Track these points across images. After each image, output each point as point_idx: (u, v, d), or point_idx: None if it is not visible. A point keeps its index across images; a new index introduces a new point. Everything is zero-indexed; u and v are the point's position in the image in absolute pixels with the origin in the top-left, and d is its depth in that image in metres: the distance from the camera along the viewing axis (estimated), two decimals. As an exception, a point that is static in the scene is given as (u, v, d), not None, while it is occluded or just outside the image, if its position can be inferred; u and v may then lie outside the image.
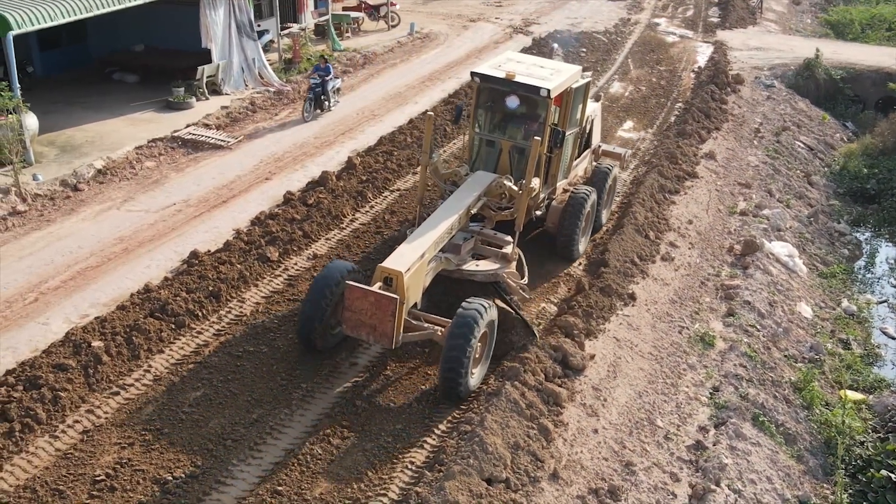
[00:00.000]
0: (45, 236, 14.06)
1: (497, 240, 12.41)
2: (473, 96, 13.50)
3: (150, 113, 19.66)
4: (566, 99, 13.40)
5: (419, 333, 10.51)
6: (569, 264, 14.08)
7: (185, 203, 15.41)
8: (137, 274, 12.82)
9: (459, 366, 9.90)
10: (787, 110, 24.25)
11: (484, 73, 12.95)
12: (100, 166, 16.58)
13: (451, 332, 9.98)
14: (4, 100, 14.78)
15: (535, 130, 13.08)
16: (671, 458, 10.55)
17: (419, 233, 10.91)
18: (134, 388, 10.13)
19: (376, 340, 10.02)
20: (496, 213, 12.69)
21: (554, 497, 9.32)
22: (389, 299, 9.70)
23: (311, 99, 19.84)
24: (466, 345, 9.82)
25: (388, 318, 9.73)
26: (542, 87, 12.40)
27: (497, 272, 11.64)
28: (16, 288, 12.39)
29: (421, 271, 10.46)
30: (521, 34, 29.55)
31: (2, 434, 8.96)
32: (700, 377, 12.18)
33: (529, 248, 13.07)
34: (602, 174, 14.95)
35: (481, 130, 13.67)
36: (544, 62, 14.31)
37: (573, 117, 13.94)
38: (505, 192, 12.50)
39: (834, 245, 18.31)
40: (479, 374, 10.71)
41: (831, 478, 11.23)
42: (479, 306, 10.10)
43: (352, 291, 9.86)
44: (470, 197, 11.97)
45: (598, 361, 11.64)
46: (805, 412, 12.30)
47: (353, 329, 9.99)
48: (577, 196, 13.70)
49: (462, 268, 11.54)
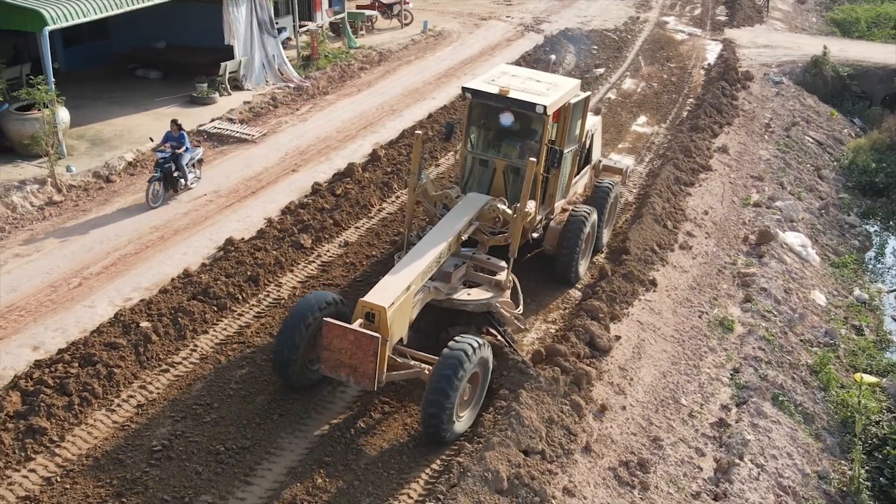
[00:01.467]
0: (83, 225, 14.48)
1: (490, 266, 11.65)
2: (465, 113, 12.64)
3: (174, 108, 20.08)
4: (564, 115, 12.60)
5: (405, 373, 9.69)
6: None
7: (215, 194, 15.84)
8: (175, 260, 13.25)
9: (442, 410, 9.08)
10: (796, 106, 24.68)
11: (476, 88, 12.13)
12: (130, 158, 17.02)
13: (435, 372, 9.19)
14: (41, 93, 15.18)
15: (531, 149, 12.27)
16: (696, 435, 10.99)
17: (405, 262, 10.15)
18: (182, 366, 10.57)
19: (357, 382, 9.21)
20: (489, 238, 11.83)
21: (587, 468, 9.76)
22: (371, 338, 8.88)
23: (157, 178, 15.00)
24: (450, 387, 9.01)
25: (369, 358, 8.92)
26: (539, 104, 11.62)
27: (490, 301, 10.90)
28: (60, 273, 12.82)
29: (406, 305, 9.66)
30: (533, 32, 29.98)
31: (62, 407, 9.39)
32: (721, 359, 12.61)
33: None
34: (603, 192, 14.13)
35: (474, 149, 12.82)
36: (541, 75, 13.37)
37: (572, 134, 13.11)
38: (498, 215, 11.64)
39: (845, 236, 18.74)
40: (469, 417, 9.85)
41: (848, 455, 11.66)
42: (467, 345, 9.28)
43: (330, 329, 9.04)
44: (461, 222, 11.14)
45: (623, 343, 12.07)
46: (822, 393, 12.73)
47: (332, 369, 9.20)
48: (576, 216, 12.91)
49: (453, 297, 10.77)
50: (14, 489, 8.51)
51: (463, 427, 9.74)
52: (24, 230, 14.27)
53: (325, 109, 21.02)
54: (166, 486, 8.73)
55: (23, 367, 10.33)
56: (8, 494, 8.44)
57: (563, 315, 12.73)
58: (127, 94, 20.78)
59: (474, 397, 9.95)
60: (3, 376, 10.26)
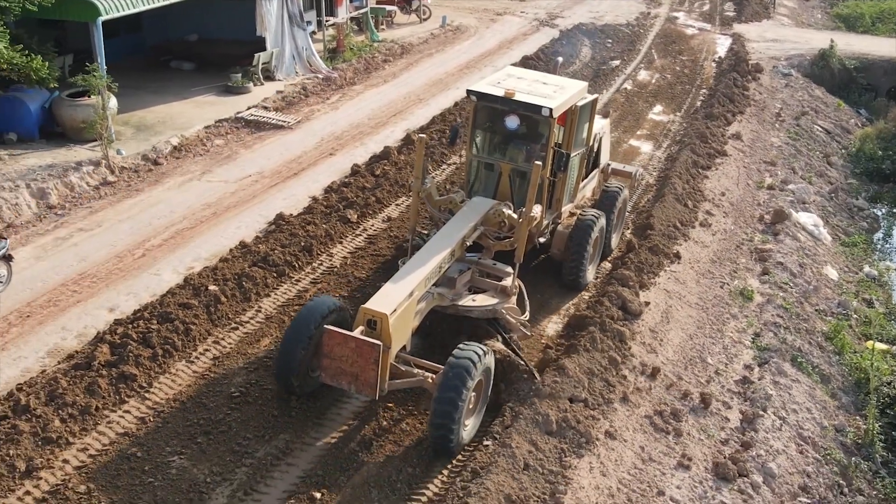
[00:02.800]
0: (138, 203, 15.36)
1: (496, 271, 11.43)
2: (470, 116, 12.44)
3: (211, 96, 20.97)
4: (571, 118, 12.30)
5: (407, 381, 9.54)
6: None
7: (259, 175, 16.73)
8: (230, 234, 14.13)
9: (451, 420, 8.93)
10: (805, 97, 25.57)
11: (481, 90, 11.89)
12: (175, 143, 17.90)
13: (442, 382, 8.99)
14: (97, 80, 16.05)
15: (537, 152, 12.09)
16: (722, 390, 11.87)
17: (409, 268, 9.96)
18: (250, 325, 11.47)
19: (358, 391, 9.07)
20: (495, 243, 11.61)
21: (625, 416, 10.64)
22: (372, 346, 8.74)
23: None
24: (459, 397, 8.85)
25: (370, 366, 8.78)
26: (545, 107, 11.40)
27: (495, 307, 10.71)
28: (123, 246, 13.70)
29: (409, 312, 9.48)
30: (547, 27, 30.89)
31: (147, 358, 10.28)
32: (742, 325, 13.49)
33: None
34: (611, 196, 13.90)
35: (479, 153, 12.63)
36: (547, 77, 13.15)
37: (579, 137, 12.83)
38: (504, 220, 11.40)
39: (854, 218, 19.62)
40: (473, 425, 9.71)
41: (862, 412, 12.53)
42: (472, 353, 9.14)
43: (331, 337, 8.92)
44: (466, 227, 10.95)
45: (652, 308, 12.94)
46: (836, 357, 13.61)
47: (333, 378, 9.07)
48: (584, 221, 12.71)
49: (457, 303, 10.59)
50: (113, 427, 9.40)
51: (468, 436, 9.58)
52: (83, 207, 15.14)
53: (354, 99, 21.91)
54: (247, 426, 9.61)
55: (102, 326, 11.23)
56: (108, 431, 9.33)
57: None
58: (163, 83, 21.65)
59: (478, 405, 9.76)
60: (86, 334, 11.17)
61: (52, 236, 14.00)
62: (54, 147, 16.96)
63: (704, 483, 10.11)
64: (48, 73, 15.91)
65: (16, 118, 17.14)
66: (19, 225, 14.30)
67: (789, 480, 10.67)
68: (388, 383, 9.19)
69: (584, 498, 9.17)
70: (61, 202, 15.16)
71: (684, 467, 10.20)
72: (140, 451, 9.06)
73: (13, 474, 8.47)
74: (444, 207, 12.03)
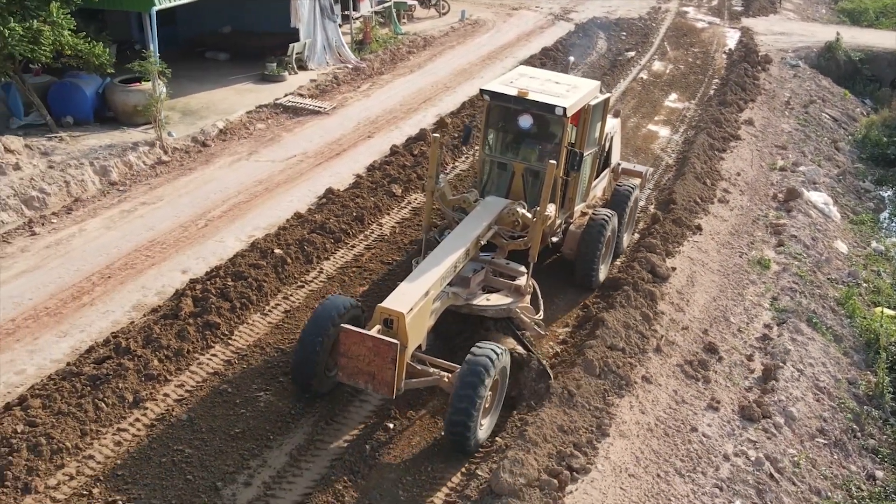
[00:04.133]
0: (193, 180, 16.43)
1: (510, 271, 11.42)
2: (483, 115, 12.54)
3: (249, 84, 22.03)
4: (584, 117, 12.27)
5: (423, 380, 9.55)
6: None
7: (303, 155, 17.80)
8: (284, 206, 15.20)
9: (469, 418, 9.00)
10: (813, 87, 26.64)
11: (494, 90, 11.90)
12: (221, 126, 18.96)
13: (459, 381, 9.02)
14: (154, 66, 17.12)
15: (550, 152, 12.15)
16: (745, 345, 12.94)
17: (424, 267, 9.99)
18: (314, 283, 12.55)
19: (375, 389, 9.08)
20: (508, 242, 11.64)
21: (658, 364, 11.70)
22: (389, 345, 8.77)
23: None
24: (476, 396, 8.90)
25: (387, 365, 8.81)
26: (558, 106, 11.40)
27: (510, 307, 10.75)
28: (186, 217, 14.76)
29: (425, 311, 9.54)
30: (563, 21, 31.97)
31: (227, 309, 11.34)
32: (760, 290, 14.55)
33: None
34: (623, 195, 13.95)
35: (492, 152, 12.67)
36: (559, 77, 13.12)
37: (591, 136, 12.83)
38: (518, 219, 11.46)
39: (861, 199, 20.68)
40: (489, 424, 9.76)
41: (872, 368, 13.58)
42: (489, 352, 9.17)
43: (347, 336, 8.94)
44: (480, 226, 11.03)
45: (677, 273, 14.00)
46: (848, 320, 14.66)
47: (350, 377, 9.11)
48: (596, 220, 12.75)
49: (472, 303, 10.64)
50: (203, 367, 10.47)
51: (484, 435, 9.62)
52: (142, 185, 16.20)
53: (384, 87, 22.98)
54: (322, 368, 10.67)
55: (178, 285, 12.30)
56: (199, 371, 10.40)
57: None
58: (202, 73, 22.70)
59: (494, 404, 9.82)
60: (165, 291, 12.25)
61: (117, 209, 15.06)
62: (108, 130, 18.01)
63: (732, 422, 11.18)
64: (107, 60, 16.95)
65: (73, 103, 18.20)
66: (86, 199, 15.36)
67: (808, 423, 11.73)
68: (405, 382, 9.20)
69: (627, 430, 10.24)
70: (122, 179, 16.23)
71: (713, 409, 11.27)
72: (230, 387, 10.14)
73: (124, 404, 9.54)
74: (457, 207, 12.02)
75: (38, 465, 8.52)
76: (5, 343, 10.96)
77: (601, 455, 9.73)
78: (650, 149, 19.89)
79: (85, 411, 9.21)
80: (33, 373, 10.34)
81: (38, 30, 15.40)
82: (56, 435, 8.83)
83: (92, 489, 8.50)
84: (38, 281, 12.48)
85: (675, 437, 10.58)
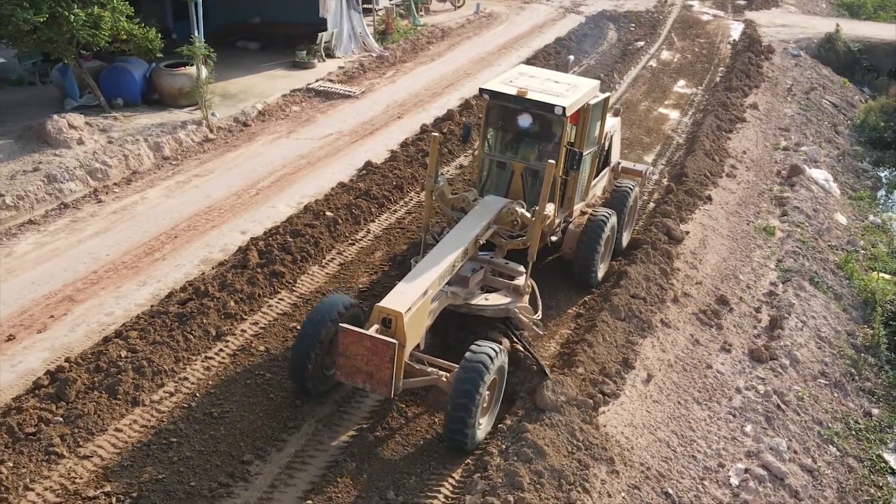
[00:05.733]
0: (239, 156, 17.71)
1: (508, 270, 11.42)
2: (483, 114, 12.52)
3: (280, 71, 23.31)
4: (583, 116, 12.24)
5: (422, 379, 9.53)
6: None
7: (339, 134, 19.09)
8: (326, 178, 16.48)
9: (467, 417, 9.00)
10: (813, 75, 27.93)
11: (494, 89, 11.86)
12: (260, 108, 20.24)
13: (457, 381, 9.00)
14: (201, 50, 18.39)
15: (549, 151, 12.12)
16: (753, 299, 14.23)
17: (422, 267, 9.98)
18: (364, 241, 13.87)
19: (373, 389, 9.06)
20: (507, 242, 11.65)
21: (676, 313, 12.98)
22: (387, 344, 8.76)
23: None
24: (474, 396, 8.91)
25: (385, 364, 8.82)
26: (558, 105, 11.36)
27: (508, 307, 10.74)
28: (238, 186, 16.05)
29: (423, 310, 9.53)
30: (573, 14, 33.28)
31: (289, 261, 12.63)
32: (766, 253, 15.84)
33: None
34: (622, 194, 13.91)
35: (491, 151, 12.65)
36: (559, 76, 13.07)
37: (591, 136, 12.81)
38: (517, 219, 11.41)
39: (859, 178, 21.98)
40: (487, 423, 9.75)
41: (870, 323, 14.87)
42: (488, 351, 9.17)
43: (346, 335, 8.92)
44: (478, 226, 11.00)
45: (690, 237, 15.28)
46: (847, 282, 15.95)
47: (348, 376, 9.09)
48: (595, 220, 12.73)
49: (470, 302, 10.62)
50: (272, 309, 11.77)
51: (482, 434, 9.63)
52: (192, 159, 17.47)
53: (408, 74, 24.27)
54: (377, 312, 11.94)
55: (240, 243, 13.58)
56: (270, 312, 11.70)
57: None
58: (235, 60, 23.95)
59: (492, 403, 9.85)
60: (228, 248, 13.53)
61: (173, 180, 16.34)
62: (156, 111, 19.26)
63: (742, 362, 12.48)
64: (158, 45, 18.22)
65: (123, 85, 19.46)
66: (143, 172, 16.64)
67: (810, 367, 13.02)
68: (403, 382, 9.20)
69: (650, 365, 11.53)
70: (173, 154, 17.50)
71: (726, 351, 12.56)
72: (299, 325, 11.42)
73: (208, 337, 10.83)
74: (456, 206, 12.02)
75: (142, 383, 9.80)
76: (92, 290, 12.25)
77: (628, 384, 11.02)
78: (661, 129, 21.19)
79: (176, 341, 10.49)
80: (121, 314, 11.63)
81: (98, 15, 16.68)
82: (155, 359, 10.12)
83: (190, 403, 9.80)
84: (111, 240, 13.76)
85: (692, 372, 11.87)
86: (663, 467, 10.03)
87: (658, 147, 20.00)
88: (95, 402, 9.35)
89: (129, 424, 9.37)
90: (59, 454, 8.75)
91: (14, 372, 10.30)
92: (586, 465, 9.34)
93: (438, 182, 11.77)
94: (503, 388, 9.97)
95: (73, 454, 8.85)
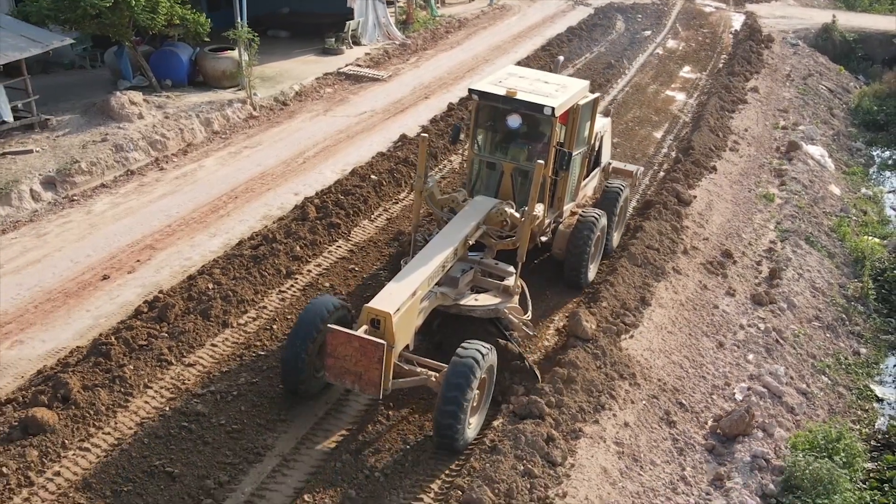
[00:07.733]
0: (283, 131, 19.30)
1: (498, 271, 11.36)
2: (472, 115, 12.47)
3: (312, 56, 24.91)
4: (573, 117, 12.20)
5: (411, 380, 9.49)
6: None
7: (372, 112, 20.69)
8: (364, 149, 18.08)
9: (456, 418, 8.97)
10: (811, 63, 29.54)
11: (483, 90, 11.83)
12: (297, 89, 21.84)
13: (446, 381, 8.96)
14: (246, 34, 19.98)
15: (539, 151, 12.12)
16: (754, 254, 15.82)
17: (411, 267, 9.96)
18: (406, 200, 15.50)
19: (362, 390, 9.03)
20: (497, 242, 11.63)
21: (686, 262, 14.58)
22: (376, 345, 8.74)
23: None
24: (463, 395, 8.90)
25: (374, 365, 8.78)
26: (547, 106, 11.33)
27: (498, 307, 10.74)
28: (286, 156, 17.65)
29: (412, 311, 9.50)
30: (582, 6, 34.88)
31: (343, 215, 14.25)
32: (766, 216, 17.43)
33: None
34: (612, 195, 13.84)
35: (481, 152, 12.64)
36: (549, 76, 13.03)
37: (580, 136, 12.75)
38: (506, 219, 11.44)
39: (853, 156, 23.57)
40: (477, 423, 9.72)
41: (860, 278, 16.45)
42: (476, 352, 9.14)
43: (334, 336, 8.89)
44: (468, 226, 10.96)
45: (697, 200, 16.86)
46: (840, 243, 17.54)
47: (337, 377, 9.05)
48: (585, 220, 12.65)
49: (460, 303, 10.61)
50: (332, 254, 13.40)
51: (472, 434, 9.61)
52: (239, 134, 19.07)
53: (430, 60, 25.88)
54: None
55: (295, 202, 15.17)
56: (330, 256, 13.33)
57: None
58: (268, 47, 25.42)
59: (482, 403, 9.83)
60: (285, 206, 15.13)
61: (225, 152, 17.93)
62: (202, 91, 20.84)
63: (745, 305, 14.08)
64: (207, 29, 19.80)
65: (171, 68, 21.03)
66: (197, 144, 18.23)
67: (806, 311, 14.61)
68: (392, 382, 9.17)
69: (665, 303, 13.13)
70: (222, 130, 19.09)
71: (731, 295, 14.17)
72: (356, 266, 13.04)
73: (280, 275, 12.44)
74: (446, 206, 12.02)
75: (229, 309, 11.40)
76: (169, 241, 13.85)
77: (646, 317, 12.62)
78: (669, 110, 22.78)
79: (254, 277, 12.10)
80: (199, 259, 13.23)
81: (156, 1, 18.27)
82: (238, 290, 11.72)
83: (272, 325, 11.41)
84: (178, 200, 15.36)
85: (701, 311, 13.48)
86: (678, 384, 11.64)
87: (666, 125, 21.59)
88: (193, 323, 10.95)
89: (223, 341, 10.99)
90: (169, 361, 10.36)
91: (114, 303, 11.91)
92: (612, 378, 10.94)
93: (428, 183, 11.74)
94: (493, 388, 9.98)
95: (179, 362, 10.45)
